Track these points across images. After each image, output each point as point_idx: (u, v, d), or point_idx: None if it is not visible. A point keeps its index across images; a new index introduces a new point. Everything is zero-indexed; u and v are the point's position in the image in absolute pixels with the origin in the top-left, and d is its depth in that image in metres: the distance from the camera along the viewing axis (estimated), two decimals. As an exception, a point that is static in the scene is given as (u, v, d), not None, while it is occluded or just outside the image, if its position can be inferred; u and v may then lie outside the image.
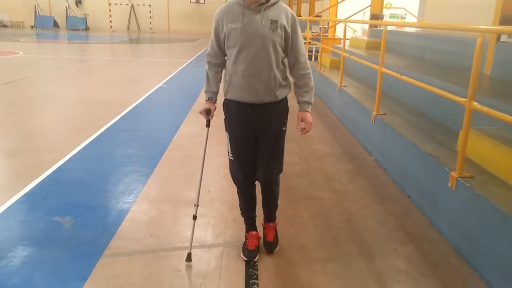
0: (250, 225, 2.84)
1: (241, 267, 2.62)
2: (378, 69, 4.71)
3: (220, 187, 3.81)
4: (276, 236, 2.86)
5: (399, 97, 5.56)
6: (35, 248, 2.75)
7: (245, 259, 2.69)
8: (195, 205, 2.76)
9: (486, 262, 2.58)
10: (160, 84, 9.11)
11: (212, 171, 4.14)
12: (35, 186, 3.69)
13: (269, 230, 2.86)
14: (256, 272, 2.57)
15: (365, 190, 3.88)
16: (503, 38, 4.97)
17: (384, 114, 4.74)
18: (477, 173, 2.95)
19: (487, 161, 3.06)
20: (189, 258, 2.66)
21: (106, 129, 5.56)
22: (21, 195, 3.51)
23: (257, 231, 2.84)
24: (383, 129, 4.51)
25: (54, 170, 4.08)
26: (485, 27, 2.85)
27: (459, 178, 2.88)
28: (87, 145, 4.87)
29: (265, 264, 2.66)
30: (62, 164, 4.24)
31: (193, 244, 2.70)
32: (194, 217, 2.75)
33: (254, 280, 2.49)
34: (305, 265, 2.67)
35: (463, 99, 2.89)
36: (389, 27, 9.03)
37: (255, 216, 2.86)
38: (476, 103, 2.79)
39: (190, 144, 5.06)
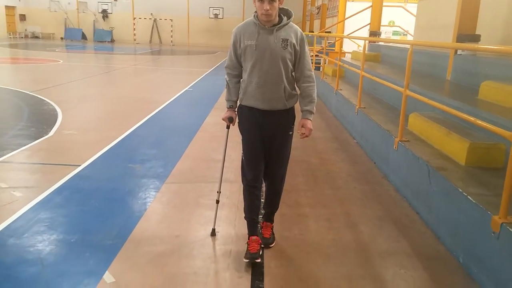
0: (252, 229, 2.95)
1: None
2: (360, 73, 6.20)
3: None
4: (272, 234, 3.13)
5: (379, 96, 7.03)
6: (120, 180, 4.30)
7: (246, 260, 2.79)
8: (217, 192, 3.20)
9: (410, 191, 4.01)
10: (186, 88, 10.72)
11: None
12: (110, 148, 5.26)
13: (266, 228, 3.13)
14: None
15: (343, 158, 5.35)
16: (459, 51, 6.41)
17: (364, 107, 6.20)
18: (413, 139, 4.39)
19: (421, 132, 4.50)
20: (213, 232, 3.17)
21: (150, 117, 7.14)
22: (102, 152, 5.07)
23: (258, 236, 2.96)
24: (363, 118, 5.97)
25: (122, 139, 5.70)
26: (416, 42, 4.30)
27: (399, 142, 4.33)
28: (138, 126, 6.44)
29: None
30: (126, 136, 5.85)
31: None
32: (217, 201, 3.22)
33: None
34: (294, 193, 4.14)
35: (402, 89, 4.36)
36: (385, 43, 10.52)
37: (258, 221, 3.04)
38: (409, 91, 4.26)
39: (214, 129, 6.57)
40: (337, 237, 3.29)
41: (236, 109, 2.94)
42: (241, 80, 2.86)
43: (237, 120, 2.95)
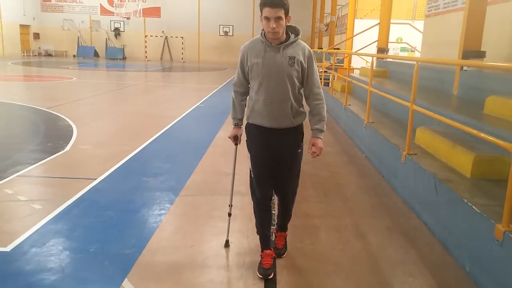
0: (265, 243, 2.99)
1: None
2: (368, 89, 6.34)
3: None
4: (285, 244, 3.22)
5: (388, 111, 7.14)
6: (135, 193, 4.44)
7: (260, 276, 2.85)
8: (229, 205, 3.32)
9: (418, 203, 4.09)
10: (197, 104, 10.94)
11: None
12: (125, 162, 5.43)
13: (279, 238, 3.20)
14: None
15: (353, 172, 5.45)
16: (465, 67, 6.52)
17: (372, 122, 6.31)
18: (420, 152, 4.49)
19: (428, 145, 4.60)
20: (227, 244, 3.29)
21: (162, 132, 7.32)
22: (117, 167, 5.23)
23: (271, 249, 3.00)
24: (371, 132, 6.08)
25: (136, 153, 5.85)
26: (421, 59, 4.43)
27: (406, 155, 4.43)
28: (151, 141, 6.62)
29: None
30: (139, 150, 6.02)
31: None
32: (229, 214, 3.32)
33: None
34: (304, 204, 4.25)
35: (408, 103, 4.48)
36: (393, 59, 10.67)
37: (270, 235, 3.07)
38: (415, 105, 4.38)
39: (226, 143, 6.64)
40: (347, 247, 3.38)
41: (242, 127, 3.00)
42: (249, 97, 2.89)
43: (245, 138, 2.99)
